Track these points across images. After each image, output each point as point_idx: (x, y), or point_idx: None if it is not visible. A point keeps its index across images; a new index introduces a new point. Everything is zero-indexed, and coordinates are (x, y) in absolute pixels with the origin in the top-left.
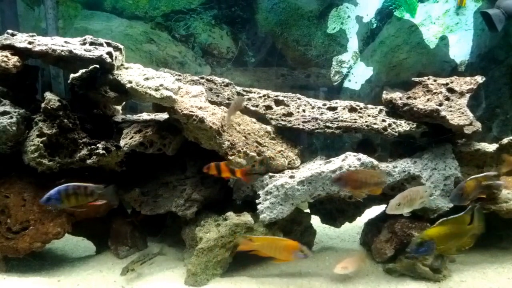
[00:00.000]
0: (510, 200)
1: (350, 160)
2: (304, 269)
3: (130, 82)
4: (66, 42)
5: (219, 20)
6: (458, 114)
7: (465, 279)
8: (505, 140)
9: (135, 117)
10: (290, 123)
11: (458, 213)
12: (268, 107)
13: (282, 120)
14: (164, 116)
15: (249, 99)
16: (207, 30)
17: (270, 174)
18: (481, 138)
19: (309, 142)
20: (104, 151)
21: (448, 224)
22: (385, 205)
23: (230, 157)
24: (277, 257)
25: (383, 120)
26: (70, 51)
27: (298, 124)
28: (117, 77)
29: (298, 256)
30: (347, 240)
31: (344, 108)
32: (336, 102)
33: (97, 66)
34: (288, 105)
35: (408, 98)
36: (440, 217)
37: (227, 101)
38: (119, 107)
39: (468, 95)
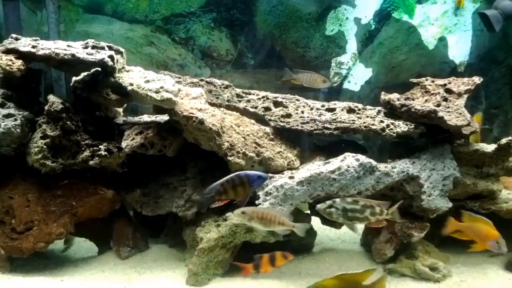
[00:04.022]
0: (510, 200)
1: (348, 161)
2: (304, 270)
3: (131, 84)
4: (68, 45)
5: (218, 22)
6: (456, 114)
7: (465, 279)
8: (503, 141)
9: (136, 119)
10: (289, 124)
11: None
12: (267, 109)
13: (281, 121)
14: (164, 117)
15: (248, 101)
16: (206, 32)
17: (270, 174)
18: (481, 139)
19: (309, 143)
20: (106, 153)
21: (345, 279)
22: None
23: (229, 158)
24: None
25: (382, 121)
26: (73, 55)
27: (297, 125)
28: (119, 79)
29: (493, 246)
30: (347, 241)
31: (342, 109)
32: (335, 103)
33: (99, 69)
34: (286, 107)
35: (406, 99)
36: (439, 217)
37: (226, 103)
38: (120, 109)
39: (465, 96)
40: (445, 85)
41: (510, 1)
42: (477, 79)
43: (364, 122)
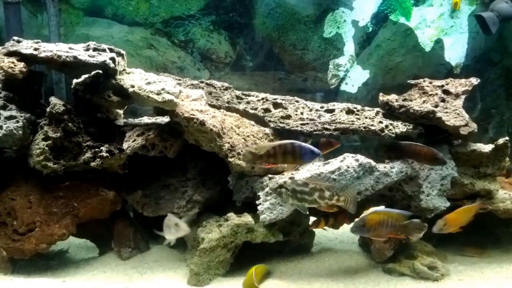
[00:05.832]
0: (507, 200)
1: (348, 161)
2: (304, 270)
3: (133, 86)
4: (70, 48)
5: (217, 25)
6: (454, 115)
7: (463, 278)
8: (500, 141)
9: (136, 120)
10: (289, 125)
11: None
12: (267, 110)
13: (281, 122)
14: (165, 119)
15: (248, 102)
16: (205, 35)
17: (270, 175)
18: (477, 139)
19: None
20: (107, 154)
21: None
22: (383, 206)
23: (230, 159)
24: None
25: (380, 122)
26: (75, 57)
27: (297, 126)
28: (120, 81)
29: None
30: (345, 242)
31: (341, 110)
32: (334, 105)
33: (100, 71)
34: (286, 108)
35: (404, 100)
36: (438, 217)
37: (226, 105)
38: (121, 111)
39: (463, 97)
40: (442, 86)
41: (507, 3)
42: (474, 80)
43: (363, 123)
